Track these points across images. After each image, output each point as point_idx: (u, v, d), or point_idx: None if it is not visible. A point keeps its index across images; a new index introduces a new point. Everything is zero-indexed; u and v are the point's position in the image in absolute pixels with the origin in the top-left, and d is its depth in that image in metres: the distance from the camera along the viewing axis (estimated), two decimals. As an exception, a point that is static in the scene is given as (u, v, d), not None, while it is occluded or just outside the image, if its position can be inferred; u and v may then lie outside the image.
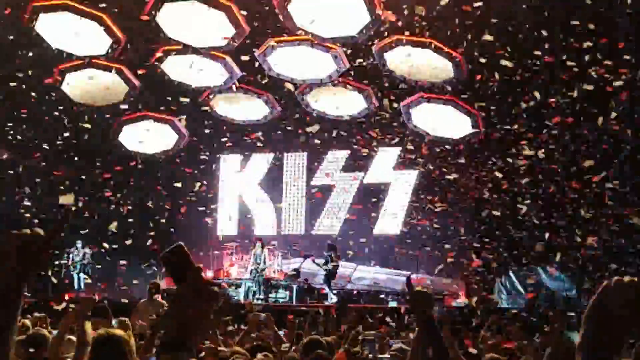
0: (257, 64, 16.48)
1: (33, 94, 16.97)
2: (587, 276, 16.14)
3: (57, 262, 17.56)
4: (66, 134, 17.96)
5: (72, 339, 5.81)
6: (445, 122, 16.67)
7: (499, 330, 11.28)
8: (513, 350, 7.45)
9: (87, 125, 17.10)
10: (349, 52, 16.18)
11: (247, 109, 18.60)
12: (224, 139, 19.51)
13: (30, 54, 16.64)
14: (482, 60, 15.19)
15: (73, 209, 16.30)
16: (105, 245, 16.76)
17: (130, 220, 17.60)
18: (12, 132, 17.48)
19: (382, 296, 17.25)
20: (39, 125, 17.64)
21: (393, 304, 16.21)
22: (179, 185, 18.55)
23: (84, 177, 17.65)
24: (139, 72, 16.89)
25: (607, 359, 1.85)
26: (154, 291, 11.44)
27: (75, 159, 18.37)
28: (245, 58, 16.18)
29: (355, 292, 17.65)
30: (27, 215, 17.03)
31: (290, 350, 6.90)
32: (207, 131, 19.08)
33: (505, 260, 17.17)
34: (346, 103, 17.60)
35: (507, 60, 14.73)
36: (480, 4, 14.11)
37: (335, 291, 16.87)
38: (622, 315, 1.84)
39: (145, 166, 18.72)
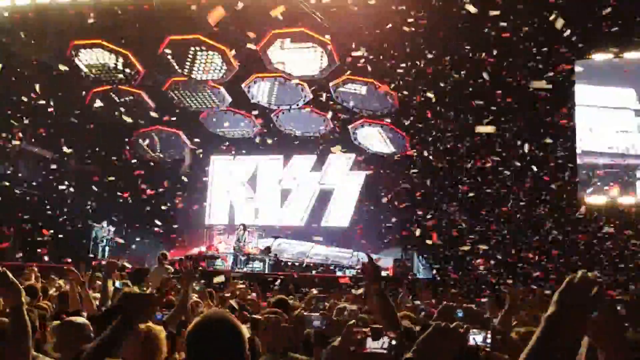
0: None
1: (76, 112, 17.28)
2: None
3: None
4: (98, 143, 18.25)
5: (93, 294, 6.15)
6: (380, 140, 17.72)
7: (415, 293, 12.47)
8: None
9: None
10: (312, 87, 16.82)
11: (235, 125, 19.14)
12: (216, 146, 19.97)
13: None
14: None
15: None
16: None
17: (147, 207, 17.92)
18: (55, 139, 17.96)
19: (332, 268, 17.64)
20: (78, 134, 17.93)
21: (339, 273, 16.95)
22: (183, 180, 18.94)
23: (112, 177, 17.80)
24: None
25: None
26: (162, 259, 12.02)
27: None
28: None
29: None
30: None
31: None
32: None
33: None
34: (310, 123, 18.41)
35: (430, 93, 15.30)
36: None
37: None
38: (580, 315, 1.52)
39: (157, 167, 19.18)
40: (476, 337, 2.54)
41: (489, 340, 2.55)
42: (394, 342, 2.61)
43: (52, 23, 15.51)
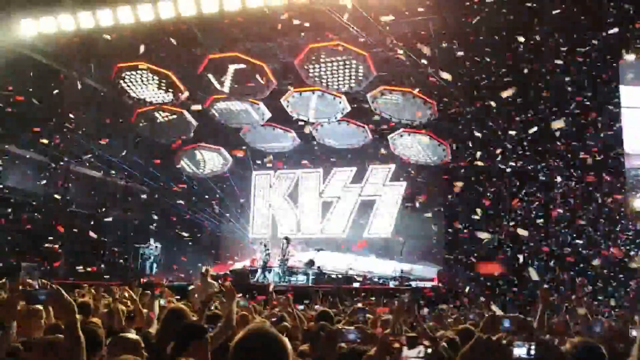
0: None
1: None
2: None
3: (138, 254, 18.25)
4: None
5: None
6: (421, 150, 17.58)
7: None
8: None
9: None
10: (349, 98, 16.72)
11: (275, 140, 19.32)
12: (258, 161, 20.24)
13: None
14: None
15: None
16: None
17: (189, 224, 18.26)
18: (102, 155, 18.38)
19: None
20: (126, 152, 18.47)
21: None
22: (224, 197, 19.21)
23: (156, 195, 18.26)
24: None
25: None
26: (205, 275, 11.75)
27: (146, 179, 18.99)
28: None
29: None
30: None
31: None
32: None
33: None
34: (349, 136, 18.35)
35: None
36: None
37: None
38: None
39: (200, 183, 19.46)
40: (520, 350, 2.47)
41: (532, 352, 2.49)
42: (429, 351, 2.60)
43: (97, 47, 16.02)
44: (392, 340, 2.84)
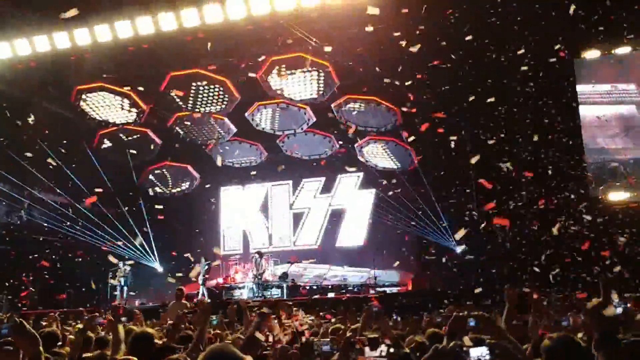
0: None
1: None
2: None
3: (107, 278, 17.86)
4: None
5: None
6: (385, 156, 17.78)
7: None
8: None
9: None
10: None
11: (242, 154, 19.40)
12: (224, 177, 20.00)
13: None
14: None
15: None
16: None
17: (158, 243, 18.09)
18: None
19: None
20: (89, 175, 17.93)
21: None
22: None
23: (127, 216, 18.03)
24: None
25: None
26: (180, 295, 11.51)
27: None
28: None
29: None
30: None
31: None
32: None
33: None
34: (316, 146, 18.51)
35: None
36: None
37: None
38: None
39: (168, 202, 19.16)
40: (475, 352, 2.51)
41: (487, 356, 2.53)
42: (391, 350, 2.64)
43: (54, 71, 15.82)
44: (354, 340, 2.80)
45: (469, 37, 12.77)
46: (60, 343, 6.67)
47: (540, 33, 13.43)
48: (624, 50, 15.93)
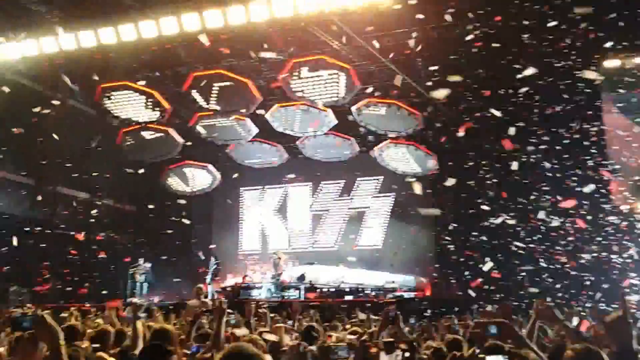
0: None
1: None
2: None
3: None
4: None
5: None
6: (407, 161, 17.64)
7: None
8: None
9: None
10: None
11: (262, 155, 19.44)
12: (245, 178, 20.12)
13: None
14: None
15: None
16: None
17: (178, 242, 18.20)
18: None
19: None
20: (111, 173, 18.32)
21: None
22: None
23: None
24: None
25: None
26: (198, 293, 12.19)
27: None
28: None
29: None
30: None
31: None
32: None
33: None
34: (336, 149, 18.45)
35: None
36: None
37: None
38: None
39: (187, 200, 19.30)
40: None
41: None
42: (407, 355, 2.63)
43: (79, 68, 15.99)
44: (369, 345, 2.84)
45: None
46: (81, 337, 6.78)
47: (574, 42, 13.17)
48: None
